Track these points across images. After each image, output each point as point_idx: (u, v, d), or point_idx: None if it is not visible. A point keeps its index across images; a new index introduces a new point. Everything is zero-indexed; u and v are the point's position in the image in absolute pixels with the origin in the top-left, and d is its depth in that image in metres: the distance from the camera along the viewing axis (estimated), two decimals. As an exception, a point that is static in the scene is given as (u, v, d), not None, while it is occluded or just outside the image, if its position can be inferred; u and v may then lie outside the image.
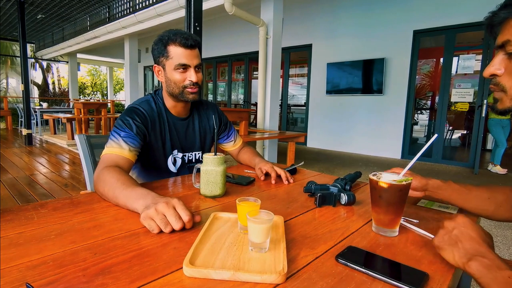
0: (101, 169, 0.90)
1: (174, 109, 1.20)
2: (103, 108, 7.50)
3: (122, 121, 1.05)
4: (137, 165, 1.22)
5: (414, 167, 4.45)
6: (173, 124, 1.20)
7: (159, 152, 1.16)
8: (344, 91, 6.17)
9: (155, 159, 1.17)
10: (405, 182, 0.65)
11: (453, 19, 4.76)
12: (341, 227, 0.74)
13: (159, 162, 1.18)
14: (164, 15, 5.48)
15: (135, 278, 0.49)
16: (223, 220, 0.72)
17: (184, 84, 1.10)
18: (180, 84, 1.10)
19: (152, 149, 1.14)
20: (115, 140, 1.00)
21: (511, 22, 0.52)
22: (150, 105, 1.15)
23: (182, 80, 1.10)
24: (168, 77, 1.11)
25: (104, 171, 0.89)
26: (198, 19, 2.26)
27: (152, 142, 1.13)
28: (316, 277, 0.52)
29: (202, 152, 1.29)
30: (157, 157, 1.17)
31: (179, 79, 1.10)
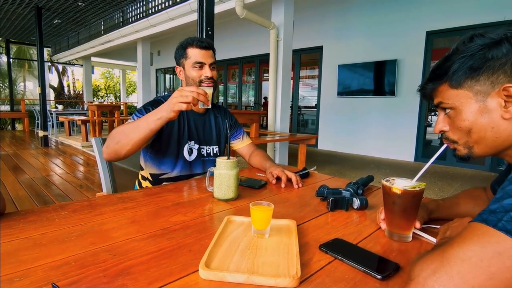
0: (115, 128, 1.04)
1: None
2: (116, 110, 7.67)
3: (143, 108, 1.16)
4: (150, 152, 1.25)
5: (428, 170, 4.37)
6: (192, 117, 1.30)
7: (176, 139, 1.24)
8: (355, 93, 6.12)
9: (172, 145, 1.23)
10: (418, 188, 0.65)
11: (467, 19, 4.66)
12: (354, 231, 0.74)
13: (175, 149, 1.24)
14: (176, 18, 5.57)
15: (153, 280, 0.51)
16: (236, 224, 0.74)
17: (200, 79, 1.23)
18: (197, 80, 1.23)
19: (170, 135, 1.22)
20: (131, 120, 1.10)
21: (438, 89, 0.63)
22: None
23: (198, 76, 1.23)
24: (187, 75, 1.25)
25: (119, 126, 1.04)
26: (210, 23, 2.30)
27: (170, 129, 1.22)
28: (329, 282, 0.52)
29: (218, 148, 1.36)
30: (174, 144, 1.23)
31: (196, 75, 1.23)
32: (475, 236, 0.41)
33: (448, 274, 0.40)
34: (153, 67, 11.21)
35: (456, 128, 0.61)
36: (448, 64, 0.59)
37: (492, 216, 0.42)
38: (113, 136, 1.02)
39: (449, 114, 0.62)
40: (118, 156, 1.03)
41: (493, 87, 0.55)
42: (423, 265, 0.43)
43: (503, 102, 0.54)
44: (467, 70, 0.57)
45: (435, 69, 0.63)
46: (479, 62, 0.56)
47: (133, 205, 0.86)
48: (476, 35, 0.57)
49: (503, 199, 0.42)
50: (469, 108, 0.58)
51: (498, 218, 0.41)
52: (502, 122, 0.55)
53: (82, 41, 9.46)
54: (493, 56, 0.54)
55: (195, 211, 0.84)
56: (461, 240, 0.42)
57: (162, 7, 5.70)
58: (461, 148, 0.62)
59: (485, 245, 0.40)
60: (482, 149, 0.59)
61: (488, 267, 0.39)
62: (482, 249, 0.40)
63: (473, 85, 0.57)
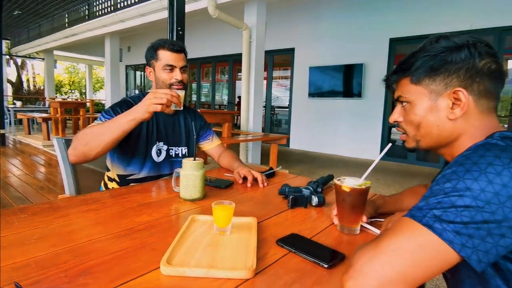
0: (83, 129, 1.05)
1: None
2: (82, 107, 7.30)
3: (111, 109, 1.16)
4: (117, 153, 1.24)
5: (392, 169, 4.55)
6: (161, 118, 1.30)
7: (145, 140, 1.24)
8: (326, 94, 6.32)
9: (140, 146, 1.23)
10: (364, 186, 0.73)
11: (427, 29, 4.99)
12: (310, 227, 0.80)
13: (144, 150, 1.24)
14: (147, 15, 5.44)
15: (114, 278, 0.53)
16: (200, 223, 0.77)
17: (171, 82, 1.23)
18: (167, 82, 1.23)
19: (139, 136, 1.22)
20: (98, 121, 1.10)
21: (400, 82, 0.67)
22: (140, 99, 1.25)
23: (169, 79, 1.23)
24: (157, 77, 1.25)
25: (86, 127, 1.05)
26: (181, 23, 2.29)
27: (139, 130, 1.22)
28: (282, 272, 0.57)
29: (187, 149, 1.37)
30: (143, 145, 1.24)
31: (167, 78, 1.23)
32: (403, 230, 0.48)
33: (380, 262, 0.46)
34: (123, 63, 10.82)
35: (408, 121, 0.66)
36: (413, 60, 0.63)
37: (419, 212, 0.48)
38: (80, 138, 1.01)
39: (405, 107, 0.66)
40: (86, 159, 1.02)
41: (446, 88, 0.60)
42: (361, 254, 0.49)
43: (451, 104, 0.60)
44: (427, 69, 0.61)
45: (401, 62, 0.67)
46: (439, 63, 0.60)
47: (97, 206, 0.87)
48: (443, 36, 0.61)
49: (429, 198, 0.49)
50: (421, 105, 0.63)
51: (423, 215, 0.47)
52: (447, 121, 0.61)
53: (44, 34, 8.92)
54: (452, 60, 0.59)
55: (160, 211, 0.86)
56: (392, 233, 0.49)
57: (132, 2, 5.54)
58: (410, 141, 0.68)
59: (411, 238, 0.47)
60: (427, 143, 0.65)
61: (412, 257, 0.45)
62: (408, 241, 0.46)
63: (429, 83, 0.61)
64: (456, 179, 0.47)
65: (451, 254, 0.45)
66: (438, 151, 0.66)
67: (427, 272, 0.45)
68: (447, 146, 0.64)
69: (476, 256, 0.44)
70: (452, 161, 0.54)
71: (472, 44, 0.58)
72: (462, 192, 0.46)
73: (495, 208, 0.44)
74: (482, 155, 0.48)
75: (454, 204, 0.46)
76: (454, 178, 0.48)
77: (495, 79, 0.59)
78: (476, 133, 0.59)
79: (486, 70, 0.58)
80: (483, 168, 0.46)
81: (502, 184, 0.44)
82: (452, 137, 0.62)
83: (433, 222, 0.46)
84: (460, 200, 0.45)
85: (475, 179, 0.46)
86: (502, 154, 0.47)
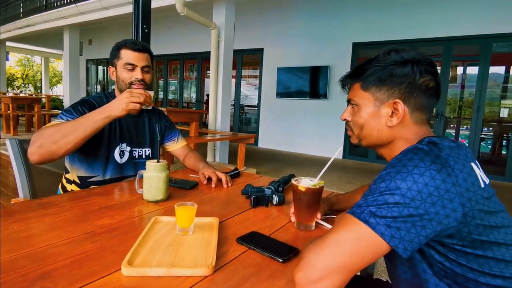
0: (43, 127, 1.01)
1: None
2: (37, 103, 6.79)
3: (72, 108, 1.14)
4: (78, 155, 1.20)
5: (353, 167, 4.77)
6: (125, 119, 1.27)
7: (107, 141, 1.22)
8: (293, 94, 6.49)
9: (103, 147, 1.21)
10: (318, 186, 0.79)
11: (386, 35, 5.33)
12: (269, 224, 0.85)
13: (106, 152, 1.22)
14: (110, 8, 5.21)
15: (74, 281, 0.54)
16: (163, 224, 0.79)
17: (131, 80, 1.22)
18: (127, 81, 1.22)
19: (101, 137, 1.19)
20: (60, 120, 1.08)
21: (353, 86, 0.75)
22: (102, 99, 1.26)
23: (129, 78, 1.22)
24: (118, 76, 1.25)
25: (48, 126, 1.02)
26: (147, 21, 2.24)
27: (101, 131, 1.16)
28: (240, 268, 0.62)
29: (152, 150, 1.36)
30: (105, 146, 1.22)
31: (127, 77, 1.22)
32: (344, 224, 0.55)
33: (323, 253, 0.52)
34: (83, 57, 10.22)
35: (354, 121, 0.74)
36: (366, 68, 0.71)
37: (358, 209, 0.55)
38: (48, 135, 0.98)
39: (354, 109, 0.74)
40: (53, 157, 0.99)
41: (388, 98, 0.68)
42: (310, 247, 0.55)
43: (391, 113, 0.68)
44: (375, 78, 0.69)
45: (357, 67, 0.74)
46: (385, 75, 0.67)
47: (55, 210, 0.85)
48: (394, 50, 0.68)
49: (367, 196, 0.56)
50: (367, 109, 0.71)
51: (361, 211, 0.54)
52: (385, 128, 0.70)
53: (-6, 23, 8.17)
54: (396, 74, 0.66)
55: (123, 214, 0.86)
56: (336, 228, 0.56)
57: (94, -6, 5.27)
58: (354, 138, 0.76)
59: (350, 232, 0.53)
60: (368, 142, 0.74)
61: (350, 248, 0.52)
62: (348, 234, 0.53)
63: (376, 92, 0.69)
64: (389, 179, 0.55)
65: (382, 244, 0.52)
66: (377, 150, 0.75)
67: (363, 261, 0.52)
68: (385, 147, 0.72)
69: (402, 245, 0.51)
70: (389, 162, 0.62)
71: (416, 61, 0.66)
72: (393, 191, 0.53)
73: (418, 204, 0.51)
74: (410, 158, 0.56)
75: (386, 201, 0.53)
76: (387, 178, 0.55)
77: (430, 96, 0.68)
78: (410, 138, 0.68)
79: (424, 87, 0.66)
80: (410, 170, 0.54)
81: (424, 183, 0.52)
82: (389, 140, 0.70)
83: (369, 218, 0.53)
84: (391, 198, 0.53)
85: (403, 179, 0.53)
86: (425, 157, 0.55)
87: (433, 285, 0.59)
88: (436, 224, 0.52)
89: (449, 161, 0.55)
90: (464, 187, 0.54)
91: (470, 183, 0.55)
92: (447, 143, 0.60)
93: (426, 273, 0.59)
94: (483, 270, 0.55)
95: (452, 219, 0.52)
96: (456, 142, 0.63)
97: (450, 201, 0.52)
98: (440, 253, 0.57)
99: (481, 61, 4.69)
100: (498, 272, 0.56)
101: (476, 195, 0.55)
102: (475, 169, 0.58)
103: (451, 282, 0.58)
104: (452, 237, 0.55)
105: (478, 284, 0.56)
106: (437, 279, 0.59)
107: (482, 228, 0.55)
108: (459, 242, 0.55)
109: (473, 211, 0.54)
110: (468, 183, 0.54)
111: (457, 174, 0.54)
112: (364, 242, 0.52)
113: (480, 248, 0.55)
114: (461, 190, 0.53)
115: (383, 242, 0.52)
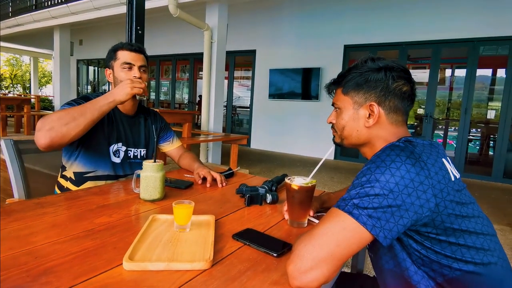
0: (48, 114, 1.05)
1: (122, 107, 1.32)
2: (26, 104, 6.68)
3: (73, 101, 1.18)
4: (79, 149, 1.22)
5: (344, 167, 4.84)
6: (120, 119, 1.31)
7: (104, 138, 1.24)
8: (285, 96, 6.55)
9: (100, 144, 1.23)
10: (310, 184, 0.83)
11: (377, 37, 5.43)
12: (263, 222, 0.88)
13: (103, 149, 1.24)
14: (102, 9, 5.17)
15: (77, 275, 0.56)
16: (161, 221, 0.81)
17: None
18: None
19: (97, 132, 1.21)
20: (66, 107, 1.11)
21: (336, 91, 0.81)
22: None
23: (127, 77, 1.23)
24: (116, 77, 1.26)
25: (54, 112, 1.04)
26: (141, 22, 2.26)
27: (98, 126, 1.19)
28: (236, 262, 0.65)
29: (146, 151, 1.38)
30: (103, 143, 1.23)
31: (124, 76, 1.24)
32: (330, 217, 0.59)
33: (312, 244, 0.56)
34: (74, 58, 10.09)
35: (337, 123, 0.80)
36: (347, 74, 0.78)
37: (342, 202, 0.60)
38: (57, 119, 1.00)
39: (337, 112, 0.81)
40: (63, 140, 1.00)
41: (365, 101, 0.74)
42: (300, 240, 0.59)
43: (368, 114, 0.74)
44: (354, 83, 0.75)
45: (339, 74, 0.81)
46: (362, 81, 0.74)
47: (53, 209, 0.87)
48: (371, 58, 0.75)
49: (350, 190, 0.61)
50: (347, 112, 0.77)
51: (345, 204, 0.59)
52: (364, 128, 0.76)
53: (-20, 21, 8.00)
54: (372, 79, 0.73)
55: (120, 212, 0.88)
56: (323, 221, 0.60)
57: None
58: (337, 137, 0.82)
59: (335, 223, 0.57)
60: (349, 142, 0.79)
61: (336, 238, 0.56)
62: (333, 226, 0.57)
63: (354, 95, 0.76)
64: (369, 174, 0.59)
65: (365, 233, 0.56)
66: (359, 149, 0.80)
67: (349, 250, 0.56)
68: (365, 146, 0.78)
69: (383, 234, 0.56)
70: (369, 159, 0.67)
71: (390, 68, 0.73)
72: (373, 183, 0.58)
73: (396, 195, 0.56)
74: (388, 154, 0.61)
75: (367, 193, 0.57)
76: (368, 173, 0.60)
77: (404, 99, 0.74)
78: (388, 138, 0.73)
79: (397, 91, 0.73)
80: (388, 164, 0.59)
81: (400, 176, 0.57)
82: (367, 140, 0.76)
83: (352, 209, 0.57)
84: (372, 190, 0.57)
85: (382, 173, 0.58)
86: (401, 153, 0.60)
87: (412, 273, 0.64)
88: (412, 213, 0.57)
89: (422, 156, 0.60)
90: (436, 180, 0.58)
91: (441, 176, 0.60)
92: (421, 141, 0.66)
93: (406, 261, 0.64)
94: (456, 256, 0.60)
95: (426, 209, 0.57)
96: (430, 141, 0.68)
97: (423, 192, 0.57)
98: (417, 242, 0.62)
99: (468, 63, 4.83)
100: (469, 258, 0.60)
101: (447, 187, 0.60)
102: (446, 164, 0.63)
103: (428, 269, 0.62)
104: (426, 225, 0.59)
105: (452, 270, 0.60)
106: (415, 267, 0.63)
107: (454, 217, 0.60)
108: (433, 231, 0.60)
109: (445, 202, 0.59)
110: (439, 176, 0.59)
111: (429, 168, 0.59)
112: (348, 232, 0.56)
113: (452, 236, 0.60)
114: (433, 182, 0.58)
115: (365, 232, 0.56)
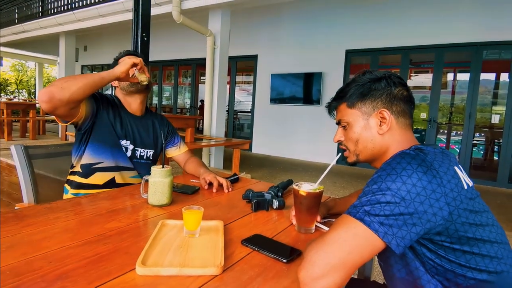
0: None
1: (129, 107, 1.36)
2: (32, 109, 6.73)
3: None
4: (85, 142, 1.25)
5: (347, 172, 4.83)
6: (128, 118, 1.34)
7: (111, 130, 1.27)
8: (287, 100, 6.57)
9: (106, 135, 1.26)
10: (318, 190, 0.84)
11: (379, 42, 5.46)
12: (271, 228, 0.89)
13: (110, 140, 1.27)
14: (107, 16, 5.24)
15: (92, 280, 0.57)
16: (170, 227, 0.82)
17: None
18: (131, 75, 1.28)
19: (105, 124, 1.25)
20: None
21: (339, 108, 0.82)
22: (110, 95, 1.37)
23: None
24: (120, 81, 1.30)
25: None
26: (146, 29, 2.29)
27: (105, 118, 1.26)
28: (247, 268, 0.65)
29: (154, 152, 1.41)
30: (109, 135, 1.26)
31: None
32: (342, 224, 0.59)
33: (324, 251, 0.56)
34: (79, 63, 10.20)
35: (349, 138, 0.80)
36: (347, 89, 0.79)
37: (353, 209, 0.60)
38: (59, 79, 1.06)
39: (345, 128, 0.81)
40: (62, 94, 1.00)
41: (374, 110, 0.76)
42: (311, 247, 0.59)
43: (379, 122, 0.75)
44: (358, 95, 0.77)
45: (338, 91, 0.82)
46: (366, 90, 0.76)
47: (64, 214, 0.88)
48: (368, 71, 0.78)
49: (361, 197, 0.61)
50: (358, 124, 0.77)
51: (357, 211, 0.59)
52: (378, 136, 0.76)
53: (-13, 28, 8.12)
54: (375, 88, 0.75)
55: (130, 217, 0.89)
56: (334, 227, 0.60)
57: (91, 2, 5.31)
58: (351, 155, 0.81)
59: (347, 230, 0.58)
60: (365, 156, 0.79)
61: (348, 245, 0.56)
62: (345, 233, 0.58)
63: (361, 106, 0.77)
64: (380, 181, 0.60)
65: (377, 241, 0.57)
66: (373, 163, 0.80)
67: (361, 257, 0.57)
68: (379, 159, 0.78)
69: (395, 241, 0.56)
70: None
71: (388, 77, 0.76)
72: (384, 191, 0.58)
73: (408, 203, 0.57)
74: (398, 162, 0.61)
75: (379, 201, 0.58)
76: (379, 180, 0.60)
77: (406, 102, 0.76)
78: (399, 146, 0.74)
79: (400, 95, 0.75)
80: (399, 172, 0.59)
81: (412, 184, 0.57)
82: (383, 148, 0.76)
83: (364, 216, 0.57)
84: (383, 197, 0.58)
85: (393, 181, 0.58)
86: (412, 161, 0.61)
87: (426, 282, 0.63)
88: (425, 221, 0.57)
89: (433, 165, 0.60)
90: (448, 188, 0.59)
91: (454, 184, 0.60)
92: (432, 149, 0.66)
93: (419, 270, 0.64)
94: (470, 265, 0.60)
95: (440, 217, 0.58)
96: (441, 148, 0.69)
97: (436, 200, 0.57)
98: (431, 251, 0.62)
99: (472, 68, 4.83)
100: (484, 267, 0.60)
101: (460, 195, 0.60)
102: (458, 172, 0.64)
103: (442, 278, 0.62)
104: (440, 234, 0.59)
105: (466, 279, 0.60)
106: (429, 276, 0.63)
107: (468, 225, 0.60)
108: (447, 239, 0.60)
109: (458, 210, 0.59)
110: (452, 184, 0.60)
111: (442, 176, 0.59)
112: (360, 239, 0.57)
113: (466, 245, 0.60)
114: (445, 190, 0.58)
115: (377, 239, 0.56)
